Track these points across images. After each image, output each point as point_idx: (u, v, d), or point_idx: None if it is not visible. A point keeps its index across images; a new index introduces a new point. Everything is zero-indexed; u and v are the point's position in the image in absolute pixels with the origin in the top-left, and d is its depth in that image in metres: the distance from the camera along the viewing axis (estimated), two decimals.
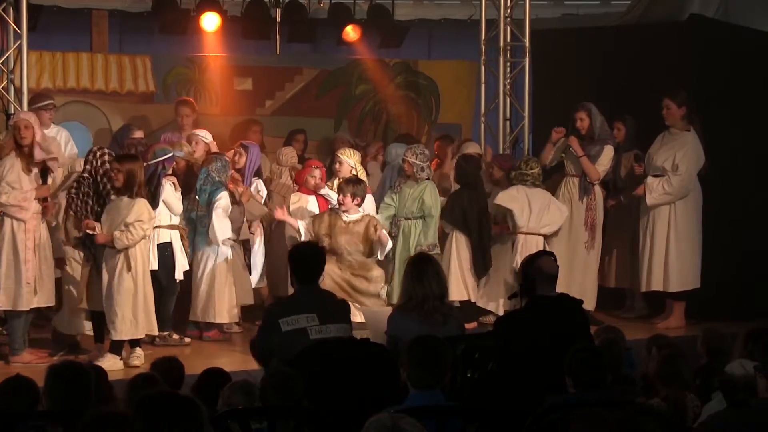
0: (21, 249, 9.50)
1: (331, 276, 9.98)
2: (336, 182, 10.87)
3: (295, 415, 5.57)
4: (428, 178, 10.90)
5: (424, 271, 7.24)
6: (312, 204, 10.96)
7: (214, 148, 11.20)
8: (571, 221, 11.44)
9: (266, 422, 5.52)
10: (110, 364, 9.15)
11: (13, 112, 10.38)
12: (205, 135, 11.30)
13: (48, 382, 5.54)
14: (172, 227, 10.31)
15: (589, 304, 11.37)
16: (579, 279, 11.41)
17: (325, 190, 10.91)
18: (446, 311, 7.29)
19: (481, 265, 11.12)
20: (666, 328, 10.92)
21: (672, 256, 11.32)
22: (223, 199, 10.51)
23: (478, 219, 11.10)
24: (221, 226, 10.49)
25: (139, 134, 10.98)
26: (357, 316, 9.19)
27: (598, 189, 11.49)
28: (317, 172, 10.94)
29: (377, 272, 10.38)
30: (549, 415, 5.62)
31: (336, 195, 10.60)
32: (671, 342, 7.52)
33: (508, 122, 12.45)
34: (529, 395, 6.14)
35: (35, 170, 9.55)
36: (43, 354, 9.77)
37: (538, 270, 6.94)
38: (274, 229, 11.26)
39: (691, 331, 10.24)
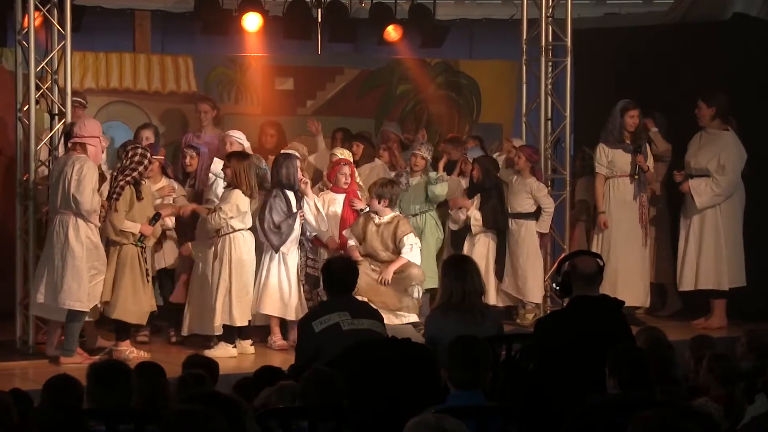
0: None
1: (363, 279, 9.78)
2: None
3: (335, 415, 5.58)
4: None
5: (466, 270, 7.27)
6: (339, 203, 10.87)
7: (249, 151, 11.07)
8: (626, 220, 11.47)
9: (307, 422, 5.53)
10: (222, 352, 9.76)
11: (57, 112, 10.43)
12: (239, 136, 11.18)
13: (89, 381, 5.58)
14: None
15: (645, 301, 11.46)
16: (637, 277, 11.48)
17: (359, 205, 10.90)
18: (484, 310, 7.32)
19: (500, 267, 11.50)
20: (706, 328, 10.88)
21: (722, 255, 11.33)
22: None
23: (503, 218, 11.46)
24: None
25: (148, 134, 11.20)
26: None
27: None
28: (346, 169, 10.89)
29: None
30: (589, 415, 5.60)
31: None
32: (714, 343, 7.49)
33: (549, 122, 12.38)
34: (569, 396, 6.13)
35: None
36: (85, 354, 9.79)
37: (573, 269, 6.90)
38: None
39: (733, 332, 10.17)
